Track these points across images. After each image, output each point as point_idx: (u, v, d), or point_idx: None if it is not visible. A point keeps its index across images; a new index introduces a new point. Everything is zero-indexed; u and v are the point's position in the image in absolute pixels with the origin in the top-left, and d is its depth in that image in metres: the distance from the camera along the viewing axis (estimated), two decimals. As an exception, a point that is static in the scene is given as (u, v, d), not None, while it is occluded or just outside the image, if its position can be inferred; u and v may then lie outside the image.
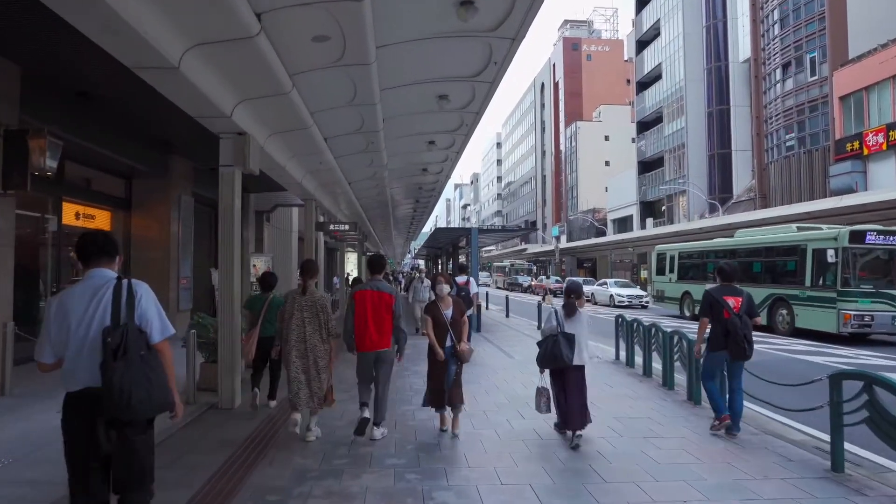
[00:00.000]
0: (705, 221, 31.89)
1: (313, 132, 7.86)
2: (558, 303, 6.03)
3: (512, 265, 61.19)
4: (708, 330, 5.69)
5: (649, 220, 46.13)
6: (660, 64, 45.34)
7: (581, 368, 5.30)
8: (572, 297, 5.41)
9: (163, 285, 11.65)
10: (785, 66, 31.16)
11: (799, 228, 15.74)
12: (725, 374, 5.79)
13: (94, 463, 2.59)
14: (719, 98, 38.52)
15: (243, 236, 17.69)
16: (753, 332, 5.61)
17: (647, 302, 27.62)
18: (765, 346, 12.61)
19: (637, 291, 28.70)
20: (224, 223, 6.51)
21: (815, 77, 29.05)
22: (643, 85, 49.16)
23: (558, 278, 45.05)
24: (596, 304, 30.04)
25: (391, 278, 31.60)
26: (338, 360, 5.63)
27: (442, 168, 13.75)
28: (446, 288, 5.56)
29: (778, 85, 31.67)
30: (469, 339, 5.60)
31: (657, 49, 45.94)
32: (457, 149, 11.61)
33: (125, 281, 2.71)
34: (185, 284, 12.53)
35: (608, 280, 31.13)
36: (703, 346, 5.80)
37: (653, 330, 8.54)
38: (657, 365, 8.57)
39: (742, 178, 37.58)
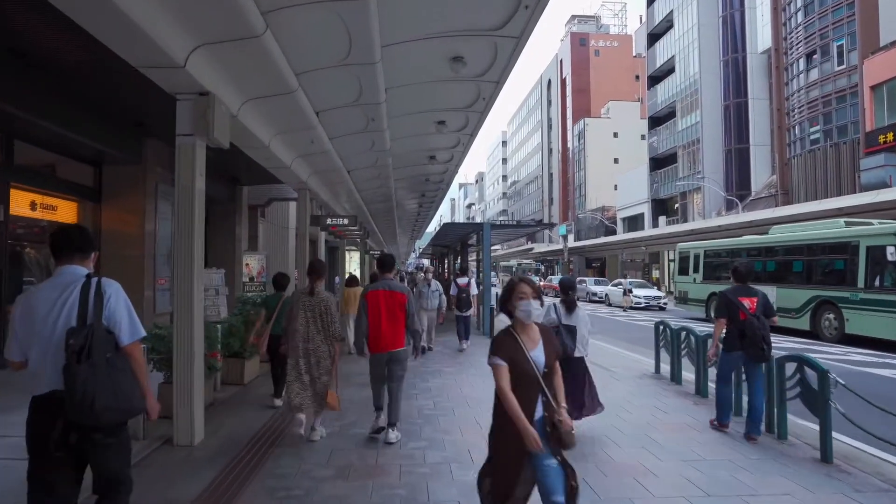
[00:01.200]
0: (726, 219, 30.37)
1: (300, 100, 6.45)
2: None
3: (519, 265, 59.71)
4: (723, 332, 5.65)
5: (662, 218, 44.62)
6: (673, 57, 43.80)
7: (581, 359, 5.47)
8: (570, 294, 5.62)
9: (137, 285, 10.29)
10: (809, 56, 29.61)
11: (847, 223, 14.25)
12: (743, 376, 5.70)
13: (60, 471, 2.54)
14: (736, 91, 36.95)
15: (235, 233, 16.35)
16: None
17: (665, 303, 26.16)
18: (814, 355, 11.13)
19: (655, 292, 27.20)
20: (181, 208, 5.11)
21: (843, 66, 27.49)
22: (655, 79, 47.62)
23: (568, 277, 43.51)
24: (610, 305, 28.60)
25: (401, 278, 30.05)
26: (340, 363, 5.46)
27: (452, 155, 12.34)
28: (536, 308, 2.92)
29: (801, 75, 30.12)
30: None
31: (670, 41, 44.41)
32: (469, 131, 10.19)
33: (94, 279, 2.59)
34: (164, 285, 11.15)
35: (623, 280, 29.61)
36: (720, 348, 5.68)
37: (709, 342, 7.07)
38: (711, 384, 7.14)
39: (760, 174, 36.03)
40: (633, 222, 51.91)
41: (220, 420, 5.88)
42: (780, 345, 11.77)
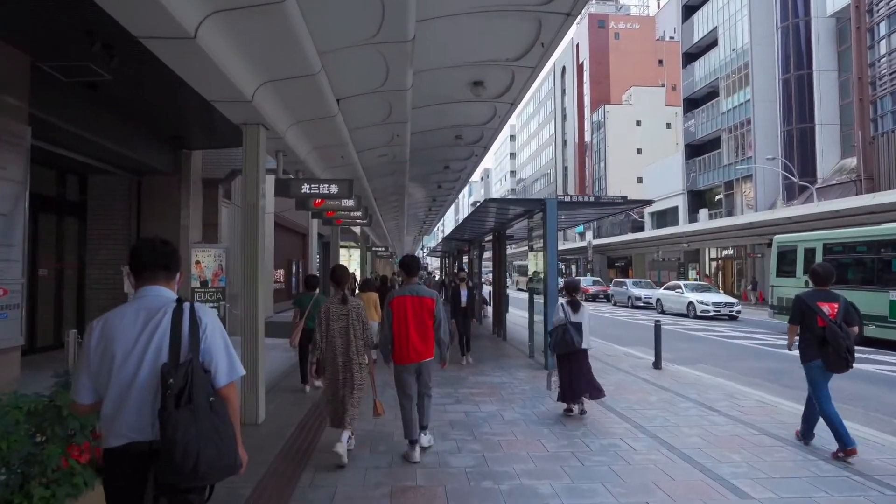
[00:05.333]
0: (799, 209, 25.30)
1: None
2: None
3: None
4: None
5: (703, 211, 39.54)
6: (715, 28, 38.68)
7: (586, 351, 6.35)
8: (574, 295, 6.49)
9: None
10: (904, 10, 24.55)
11: None
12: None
13: None
14: (798, 62, 31.79)
15: (180, 217, 11.41)
16: None
17: (738, 311, 21.13)
18: None
19: (725, 298, 22.14)
20: None
21: (956, 18, 22.45)
22: (691, 56, 42.46)
23: (598, 279, 38.58)
24: (664, 312, 23.58)
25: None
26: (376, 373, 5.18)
27: (511, 79, 7.36)
28: None
29: (894, 35, 25.03)
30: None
31: (711, 11, 39.29)
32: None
33: (187, 304, 2.15)
34: (2, 298, 6.16)
35: (682, 283, 24.60)
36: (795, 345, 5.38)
37: None
38: None
39: (828, 158, 30.91)
40: (663, 217, 46.93)
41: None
42: None
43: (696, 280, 36.74)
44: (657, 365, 9.73)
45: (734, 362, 11.28)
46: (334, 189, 7.31)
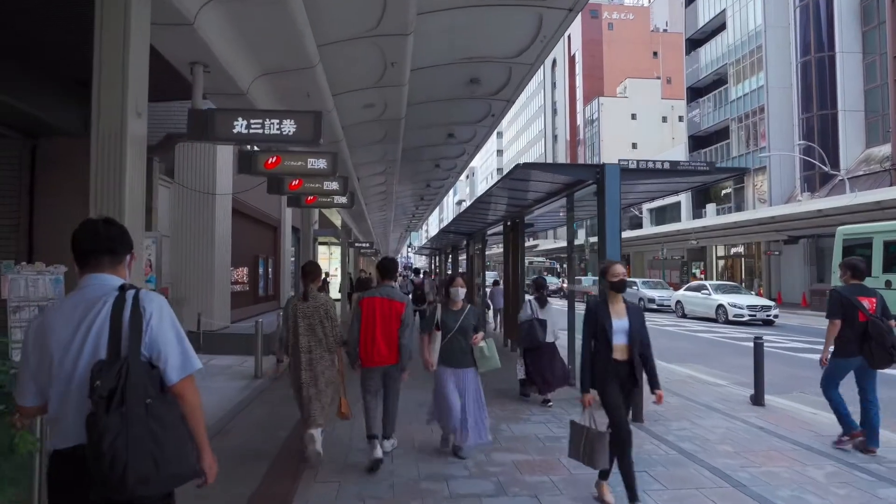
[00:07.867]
0: (832, 201, 22.77)
1: None
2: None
3: (531, 263, 51.95)
4: None
5: (710, 207, 37.11)
6: (723, 11, 36.25)
7: (552, 345, 6.75)
8: (542, 292, 6.93)
9: None
10: (948, -20, 22.18)
11: None
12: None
13: None
14: (818, 44, 29.36)
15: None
16: None
17: (776, 315, 18.47)
18: None
19: (760, 300, 19.49)
20: None
21: None
22: (695, 42, 40.05)
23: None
24: (685, 316, 20.87)
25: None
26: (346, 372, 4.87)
27: (538, 29, 4.45)
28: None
29: (935, 8, 22.71)
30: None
31: (718, -7, 36.94)
32: None
33: (131, 292, 1.82)
34: None
35: (708, 283, 21.93)
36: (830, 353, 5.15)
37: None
38: None
39: (853, 146, 28.53)
40: (662, 213, 44.55)
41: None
42: None
43: (701, 280, 34.26)
44: (758, 400, 6.91)
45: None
46: (290, 128, 4.28)
